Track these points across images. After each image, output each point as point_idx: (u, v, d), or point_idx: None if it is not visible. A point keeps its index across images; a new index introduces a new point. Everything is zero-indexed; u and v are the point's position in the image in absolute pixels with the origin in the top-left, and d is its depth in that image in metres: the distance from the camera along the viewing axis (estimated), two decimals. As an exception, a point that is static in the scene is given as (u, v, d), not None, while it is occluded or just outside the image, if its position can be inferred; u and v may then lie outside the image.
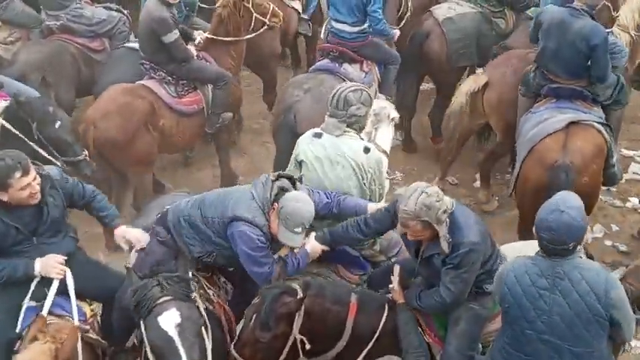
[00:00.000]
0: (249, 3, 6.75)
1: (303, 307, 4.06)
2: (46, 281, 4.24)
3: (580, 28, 5.79)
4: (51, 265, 4.23)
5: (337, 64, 6.68)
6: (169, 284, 3.92)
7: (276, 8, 7.08)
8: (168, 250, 4.40)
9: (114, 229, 4.59)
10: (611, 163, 5.91)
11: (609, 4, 6.76)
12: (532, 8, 7.32)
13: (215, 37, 6.70)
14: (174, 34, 6.32)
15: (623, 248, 6.62)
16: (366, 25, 6.71)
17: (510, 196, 6.39)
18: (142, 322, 3.86)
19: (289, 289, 4.13)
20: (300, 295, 4.08)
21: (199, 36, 6.72)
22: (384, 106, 5.59)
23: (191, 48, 6.60)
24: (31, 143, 5.49)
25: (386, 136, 5.56)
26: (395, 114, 5.66)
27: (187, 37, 6.63)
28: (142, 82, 6.52)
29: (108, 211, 4.60)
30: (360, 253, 4.76)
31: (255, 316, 4.07)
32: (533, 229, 3.67)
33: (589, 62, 5.88)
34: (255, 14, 6.79)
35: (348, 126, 4.65)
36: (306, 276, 4.53)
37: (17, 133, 5.48)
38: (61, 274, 4.25)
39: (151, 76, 6.51)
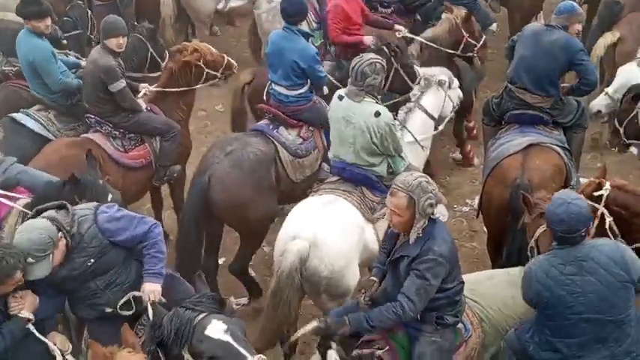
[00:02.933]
0: (200, 61, 6.64)
1: None
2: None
3: (556, 39, 5.95)
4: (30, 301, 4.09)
5: (273, 127, 6.24)
6: (197, 305, 3.80)
7: (231, 60, 6.94)
8: None
9: None
10: (570, 185, 5.85)
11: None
12: None
13: (164, 90, 6.58)
14: (121, 83, 6.16)
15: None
16: (305, 89, 6.28)
17: (477, 217, 6.36)
18: (186, 346, 3.68)
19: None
20: None
21: (144, 89, 6.58)
22: (434, 73, 6.34)
23: (140, 101, 6.43)
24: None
25: (433, 99, 6.32)
26: (444, 77, 6.31)
27: (132, 90, 6.42)
28: (87, 135, 6.30)
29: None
30: (382, 182, 5.38)
31: None
32: (545, 225, 4.10)
33: (560, 76, 6.13)
34: (206, 70, 6.68)
35: (366, 93, 5.28)
36: (335, 192, 5.35)
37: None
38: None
39: (96, 130, 6.30)
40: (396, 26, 7.52)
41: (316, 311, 5.65)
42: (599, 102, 6.57)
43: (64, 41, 7.05)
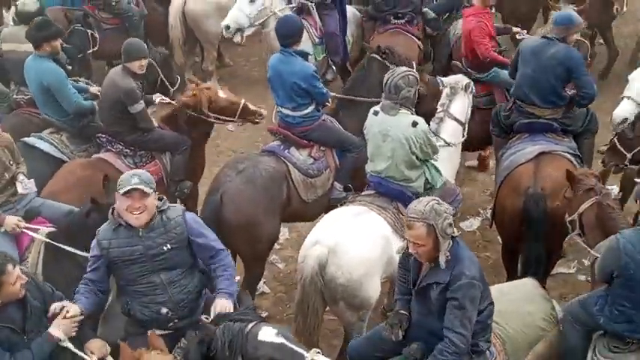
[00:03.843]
0: (203, 107, 6.39)
1: None
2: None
3: (554, 53, 5.96)
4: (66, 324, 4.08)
5: (284, 147, 6.17)
6: (244, 316, 3.89)
7: (250, 106, 6.60)
8: None
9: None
10: None
11: (587, 43, 7.12)
12: None
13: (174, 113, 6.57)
14: (141, 105, 6.19)
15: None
16: (311, 109, 6.18)
17: (490, 227, 6.32)
18: (240, 355, 3.76)
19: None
20: None
21: (158, 98, 6.62)
22: (458, 80, 6.36)
23: (152, 120, 6.44)
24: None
25: (460, 106, 6.29)
26: (468, 81, 6.32)
27: (147, 103, 6.48)
28: (98, 155, 6.31)
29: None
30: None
31: None
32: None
33: (565, 87, 6.08)
34: (213, 115, 6.49)
35: (401, 106, 5.32)
36: (371, 207, 5.34)
37: (78, 252, 4.96)
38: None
39: (107, 149, 6.31)
40: (514, 29, 7.70)
41: (334, 325, 5.62)
42: (624, 109, 6.15)
43: (69, 67, 7.05)
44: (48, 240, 4.99)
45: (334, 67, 8.42)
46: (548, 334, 4.57)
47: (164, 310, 4.23)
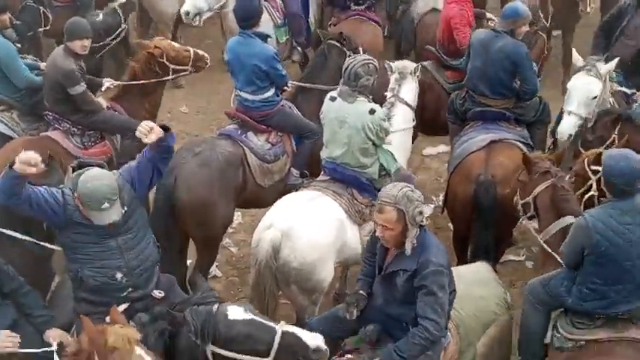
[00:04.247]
0: (163, 58, 6.49)
1: None
2: None
3: (501, 47, 6.01)
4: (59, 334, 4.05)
5: (241, 132, 6.09)
6: (206, 300, 3.88)
7: (199, 51, 6.77)
8: None
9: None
10: None
11: (544, 36, 7.17)
12: None
13: (128, 87, 6.49)
14: (81, 87, 6.02)
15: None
16: (271, 93, 6.13)
17: (442, 214, 6.37)
18: (214, 336, 3.75)
19: None
20: None
21: (107, 82, 6.45)
22: (406, 65, 6.33)
23: (101, 99, 6.30)
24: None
25: (409, 89, 6.26)
26: (415, 65, 6.32)
27: (95, 86, 6.34)
28: (46, 133, 6.14)
29: (39, 311, 4.20)
30: (373, 185, 5.37)
31: None
32: (602, 182, 4.27)
33: (515, 79, 6.13)
34: (171, 66, 6.54)
35: (359, 94, 5.31)
36: (326, 192, 5.32)
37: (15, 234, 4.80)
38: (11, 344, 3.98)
39: (55, 127, 6.15)
40: (487, 14, 7.68)
41: (286, 310, 5.60)
42: (569, 125, 5.89)
43: (19, 45, 6.83)
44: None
45: (299, 49, 8.36)
46: (500, 317, 4.61)
47: (119, 275, 4.10)
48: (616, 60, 6.01)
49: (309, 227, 5.10)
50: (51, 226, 4.26)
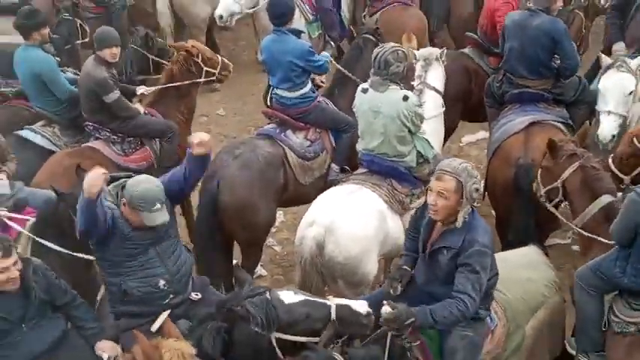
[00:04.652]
0: (198, 58, 6.60)
1: None
2: None
3: (539, 24, 5.93)
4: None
5: (280, 130, 6.08)
6: (255, 291, 3.88)
7: (226, 60, 6.91)
8: None
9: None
10: None
11: (581, 14, 7.03)
12: None
13: (164, 90, 6.57)
14: (115, 94, 6.09)
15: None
16: (307, 89, 6.12)
17: (482, 200, 6.27)
18: (278, 322, 3.76)
19: None
20: None
21: (141, 89, 6.51)
22: (431, 52, 6.29)
23: (137, 105, 6.36)
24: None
25: (436, 75, 6.24)
26: (440, 51, 6.25)
27: (129, 94, 6.40)
28: (87, 144, 6.23)
29: (90, 324, 4.23)
30: (411, 173, 5.40)
31: None
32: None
33: (554, 57, 6.02)
34: (205, 68, 6.64)
35: (390, 82, 5.29)
36: (365, 185, 5.29)
37: (51, 245, 4.81)
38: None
39: (96, 137, 6.23)
40: None
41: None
42: (610, 126, 5.61)
43: (58, 58, 6.90)
44: (31, 235, 4.86)
45: (332, 43, 8.35)
46: (549, 300, 4.54)
47: (162, 283, 4.15)
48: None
49: (351, 221, 5.08)
50: (94, 242, 4.22)
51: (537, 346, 4.46)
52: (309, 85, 6.19)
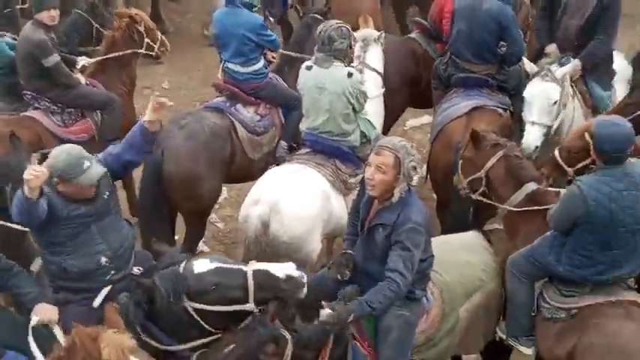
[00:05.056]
0: (141, 26, 6.53)
1: None
2: None
3: (488, 9, 5.95)
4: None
5: (229, 104, 6.05)
6: (172, 260, 3.90)
7: (164, 39, 6.87)
8: None
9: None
10: None
11: (527, 3, 7.06)
12: None
13: (105, 60, 6.47)
14: (55, 57, 5.95)
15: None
16: (260, 65, 6.15)
17: (425, 183, 6.32)
18: (186, 292, 3.76)
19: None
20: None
21: (82, 61, 6.37)
22: (369, 32, 6.35)
23: (78, 75, 6.22)
24: None
25: (375, 56, 6.31)
26: (377, 32, 6.32)
27: (69, 64, 6.23)
28: (26, 113, 6.07)
29: (29, 288, 4.05)
30: (355, 153, 5.40)
31: None
32: (591, 150, 4.20)
33: (500, 43, 6.04)
34: (146, 39, 6.58)
35: (334, 58, 5.28)
36: (309, 164, 5.29)
37: None
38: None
39: (35, 107, 6.07)
40: None
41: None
42: (534, 137, 5.55)
43: None
44: None
45: (272, 19, 8.30)
46: (486, 285, 4.58)
47: (103, 259, 4.07)
48: (574, 63, 5.92)
49: (296, 200, 5.09)
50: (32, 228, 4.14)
51: (471, 328, 4.52)
52: (262, 62, 6.19)
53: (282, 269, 3.82)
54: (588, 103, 6.06)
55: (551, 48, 6.21)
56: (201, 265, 3.81)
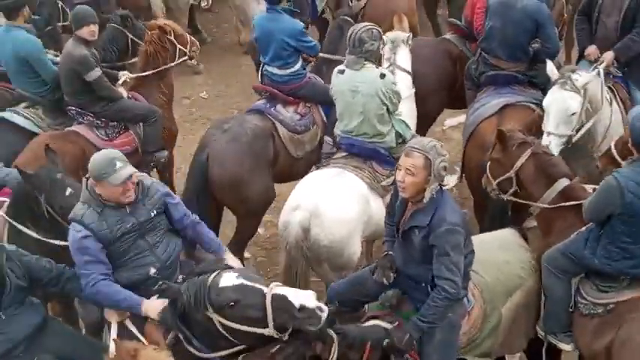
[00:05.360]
0: (171, 35, 6.64)
1: None
2: None
3: (524, 6, 5.91)
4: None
5: (269, 105, 6.20)
6: (205, 269, 3.92)
7: (193, 38, 7.02)
8: None
9: None
10: None
11: (563, 1, 6.98)
12: None
13: (143, 75, 6.55)
14: (97, 72, 6.05)
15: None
16: (298, 66, 6.26)
17: (460, 182, 6.34)
18: (208, 305, 3.77)
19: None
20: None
21: (124, 76, 6.49)
22: (398, 34, 6.39)
23: (120, 89, 6.35)
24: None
25: (404, 57, 6.36)
26: (407, 35, 6.37)
27: (111, 79, 6.35)
28: (71, 127, 6.21)
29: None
30: (391, 155, 5.43)
31: None
32: (629, 143, 4.16)
33: (534, 40, 6.02)
34: (178, 45, 6.69)
35: (365, 60, 5.33)
36: (347, 168, 5.30)
37: (22, 229, 4.80)
38: None
39: (79, 121, 6.22)
40: None
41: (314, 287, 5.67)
42: (552, 148, 5.32)
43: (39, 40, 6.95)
44: (5, 217, 4.85)
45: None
46: (525, 282, 4.58)
47: (152, 271, 4.19)
48: (608, 53, 5.85)
49: (335, 204, 5.13)
50: None
51: (514, 327, 4.53)
52: (300, 63, 6.31)
53: (299, 298, 3.72)
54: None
55: (591, 49, 6.14)
56: (227, 279, 3.81)
